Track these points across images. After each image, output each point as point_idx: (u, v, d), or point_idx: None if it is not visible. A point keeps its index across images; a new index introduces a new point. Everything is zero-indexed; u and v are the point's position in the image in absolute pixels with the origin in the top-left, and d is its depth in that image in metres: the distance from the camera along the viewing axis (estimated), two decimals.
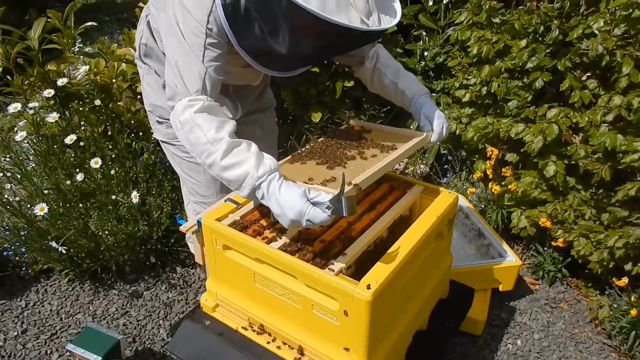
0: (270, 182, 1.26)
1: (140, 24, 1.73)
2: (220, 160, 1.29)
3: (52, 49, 2.50)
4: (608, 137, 1.94)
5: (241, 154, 1.29)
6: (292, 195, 1.23)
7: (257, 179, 1.26)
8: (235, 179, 1.29)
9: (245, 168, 1.27)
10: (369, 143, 1.59)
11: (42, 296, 2.34)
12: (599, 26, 1.99)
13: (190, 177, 1.87)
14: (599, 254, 2.07)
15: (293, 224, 1.23)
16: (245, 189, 1.28)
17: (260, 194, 1.28)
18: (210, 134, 1.29)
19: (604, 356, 2.07)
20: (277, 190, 1.25)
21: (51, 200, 2.27)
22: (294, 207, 1.21)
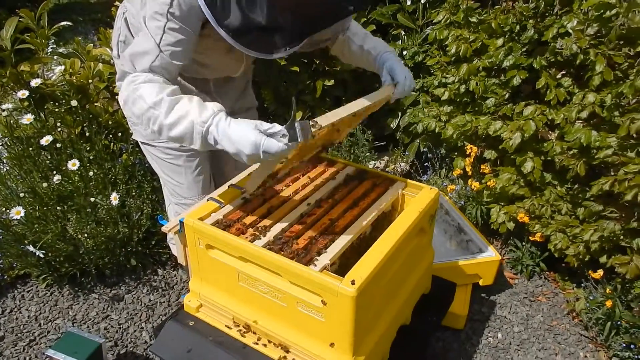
0: (218, 124, 1.26)
1: (117, 22, 1.70)
2: (165, 119, 1.29)
3: (24, 50, 2.44)
4: (583, 133, 1.99)
5: (183, 108, 1.29)
6: (244, 129, 1.22)
7: (203, 124, 1.26)
8: (184, 132, 1.28)
9: (190, 118, 1.27)
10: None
11: (19, 302, 2.28)
12: (573, 26, 2.04)
13: (171, 178, 1.85)
14: (575, 247, 2.13)
15: (251, 158, 1.23)
16: (196, 139, 1.28)
17: (212, 138, 1.27)
18: (150, 99, 1.30)
19: (581, 347, 2.12)
20: (228, 128, 1.24)
21: (27, 203, 2.22)
22: (247, 140, 1.20)
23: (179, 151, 1.77)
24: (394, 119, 3.08)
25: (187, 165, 1.80)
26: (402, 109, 3.04)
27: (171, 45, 1.35)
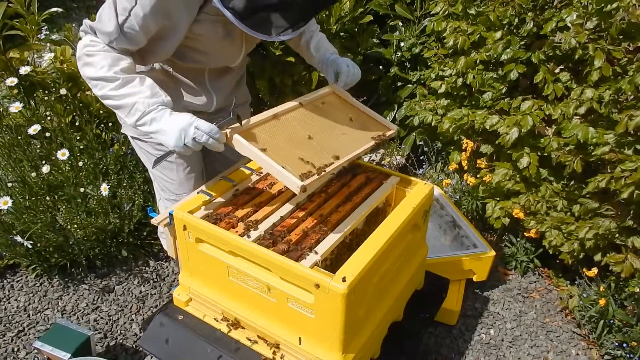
0: (161, 110, 1.35)
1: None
2: (112, 91, 1.35)
3: (15, 36, 2.39)
4: (580, 129, 1.97)
5: (134, 87, 1.36)
6: (182, 114, 1.34)
7: (149, 105, 1.34)
8: (124, 104, 1.36)
9: (137, 97, 1.35)
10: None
11: (8, 292, 2.26)
12: (572, 19, 2.01)
13: (163, 175, 1.80)
14: (569, 244, 2.11)
15: (180, 134, 1.31)
16: (133, 115, 1.35)
17: (149, 118, 1.35)
18: (102, 72, 1.35)
19: (574, 344, 2.12)
20: (168, 113, 1.35)
21: (16, 193, 2.18)
22: (183, 118, 1.33)
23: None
24: (390, 112, 3.04)
25: (179, 162, 1.75)
26: (398, 102, 3.01)
27: (132, 28, 1.35)
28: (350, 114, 1.60)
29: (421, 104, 2.73)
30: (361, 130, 1.56)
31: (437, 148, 2.88)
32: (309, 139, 1.43)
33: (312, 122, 1.49)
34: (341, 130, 1.52)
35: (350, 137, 1.51)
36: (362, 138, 1.53)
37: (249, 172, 1.62)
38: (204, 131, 1.31)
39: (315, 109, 1.54)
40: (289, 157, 1.34)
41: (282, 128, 1.44)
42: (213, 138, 1.32)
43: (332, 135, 1.49)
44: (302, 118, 1.49)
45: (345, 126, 1.54)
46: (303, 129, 1.46)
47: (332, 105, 1.59)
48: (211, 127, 1.32)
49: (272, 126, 1.43)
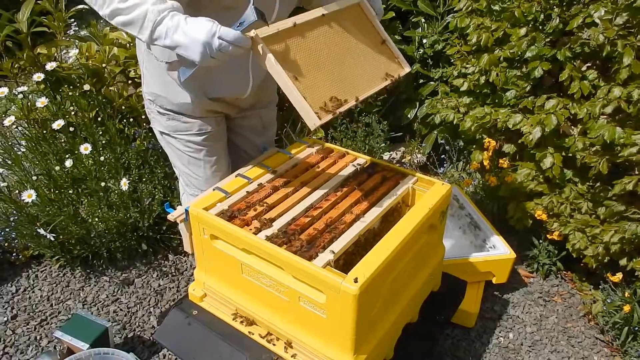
0: (174, 17, 1.23)
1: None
2: (120, 3, 1.24)
3: (45, 33, 2.44)
4: (607, 129, 1.91)
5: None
6: (200, 20, 1.21)
7: (158, 13, 1.22)
8: (136, 17, 1.24)
9: (146, 6, 1.23)
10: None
11: (33, 282, 2.32)
12: (600, 15, 1.94)
13: (190, 171, 1.80)
14: (594, 248, 2.05)
15: (204, 48, 1.20)
16: (146, 27, 1.24)
17: (163, 29, 1.23)
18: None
19: (596, 351, 2.06)
20: (184, 20, 1.22)
21: (42, 185, 2.24)
22: (204, 27, 1.19)
23: (200, 145, 1.72)
24: (411, 110, 3.01)
25: (206, 159, 1.75)
26: (420, 99, 2.97)
27: None
28: (370, 38, 1.49)
29: (443, 102, 2.69)
30: (377, 62, 1.48)
31: (458, 147, 2.84)
32: (329, 65, 1.36)
33: (334, 44, 1.40)
34: (359, 59, 1.44)
35: (367, 69, 1.44)
36: (378, 73, 1.46)
37: (265, 169, 1.62)
38: (229, 41, 1.19)
39: (338, 25, 1.42)
40: (309, 85, 1.28)
41: (306, 46, 1.33)
42: (239, 46, 1.21)
43: (351, 63, 1.41)
44: (325, 36, 1.38)
45: (364, 55, 1.45)
46: (325, 51, 1.37)
47: (354, 23, 1.47)
48: (236, 35, 1.19)
49: (297, 43, 1.32)
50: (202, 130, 1.70)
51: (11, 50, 2.33)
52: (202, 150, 1.74)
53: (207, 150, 1.75)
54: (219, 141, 1.79)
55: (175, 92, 1.62)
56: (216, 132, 1.75)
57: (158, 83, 1.65)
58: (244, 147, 1.92)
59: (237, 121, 1.85)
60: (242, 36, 1.19)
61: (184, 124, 1.68)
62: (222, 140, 1.81)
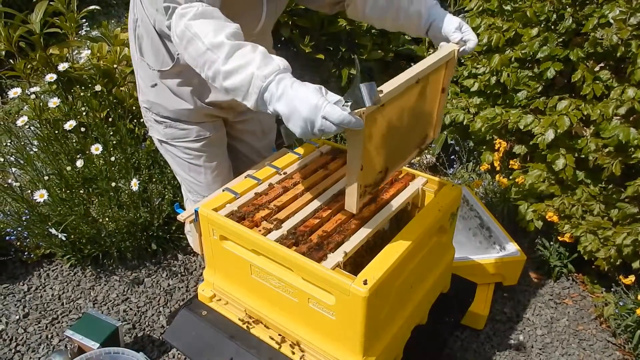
0: (280, 81, 1.08)
1: (132, 8, 1.59)
2: (222, 65, 1.13)
3: (57, 33, 2.46)
4: (620, 130, 1.88)
5: (245, 56, 1.12)
6: (306, 91, 1.05)
7: (264, 78, 1.09)
8: (240, 83, 1.12)
9: (250, 70, 1.10)
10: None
11: (44, 281, 2.34)
12: (615, 15, 1.92)
13: (192, 177, 1.80)
14: (606, 250, 2.03)
15: (306, 124, 1.04)
16: (252, 94, 1.11)
17: (269, 96, 1.09)
18: (207, 39, 1.13)
19: (608, 354, 2.04)
20: (290, 87, 1.07)
21: (54, 185, 2.26)
22: (308, 101, 1.03)
23: (199, 151, 1.72)
24: None
25: (206, 165, 1.75)
26: None
27: None
28: (433, 97, 1.39)
29: (453, 102, 2.67)
30: (423, 125, 1.41)
31: (468, 147, 2.82)
32: (395, 138, 1.27)
33: (410, 110, 1.29)
34: (417, 121, 1.34)
35: (414, 134, 1.38)
36: (417, 139, 1.41)
37: (274, 170, 1.62)
38: (335, 122, 1.02)
39: (422, 85, 1.31)
40: (368, 169, 1.19)
41: (387, 119, 1.22)
42: (345, 128, 1.05)
43: (410, 128, 1.32)
44: (407, 102, 1.27)
45: (420, 115, 1.36)
46: (399, 121, 1.26)
47: (430, 84, 1.35)
48: (342, 117, 1.01)
49: (382, 117, 1.19)
50: (200, 136, 1.69)
51: (24, 50, 2.35)
52: (201, 156, 1.74)
53: (206, 156, 1.74)
54: (218, 146, 1.78)
55: (170, 98, 1.61)
56: (215, 137, 1.74)
57: (152, 91, 1.64)
58: (245, 152, 1.92)
59: (236, 126, 1.84)
60: (350, 118, 1.02)
61: (181, 131, 1.68)
62: (221, 145, 1.81)
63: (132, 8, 1.58)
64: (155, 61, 1.57)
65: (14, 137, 2.28)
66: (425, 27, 1.48)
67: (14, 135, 2.29)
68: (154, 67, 1.57)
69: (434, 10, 1.46)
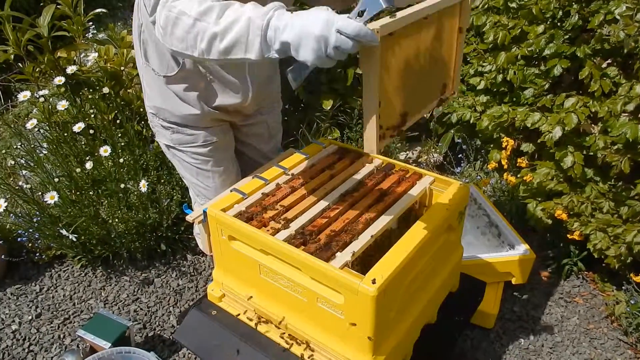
0: (281, 15, 1.02)
1: (136, 13, 1.58)
2: (215, 27, 1.08)
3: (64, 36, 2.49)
4: (629, 127, 1.87)
5: (237, 10, 1.08)
6: (313, 11, 0.99)
7: (263, 16, 1.03)
8: (239, 34, 1.05)
9: (246, 16, 1.05)
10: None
11: (56, 281, 2.37)
12: (621, 11, 1.90)
13: (199, 182, 1.81)
14: (616, 248, 2.01)
15: (319, 44, 0.96)
16: (253, 40, 1.04)
17: (272, 33, 1.02)
18: (193, 10, 1.10)
19: (620, 353, 2.02)
20: (294, 16, 1.01)
21: (64, 187, 2.28)
22: (318, 18, 0.96)
23: (206, 156, 1.73)
24: None
25: (214, 170, 1.76)
26: None
27: None
28: (449, 45, 1.35)
29: (459, 101, 2.67)
30: (441, 73, 1.38)
31: (475, 146, 2.81)
32: (412, 79, 1.23)
33: (426, 51, 1.25)
34: (434, 67, 1.31)
35: (433, 80, 1.35)
36: (436, 88, 1.38)
37: (282, 170, 1.62)
38: (351, 34, 0.94)
39: (437, 24, 1.26)
40: (387, 107, 1.15)
41: (404, 53, 1.16)
42: (362, 42, 0.96)
43: (427, 73, 1.29)
44: (423, 41, 1.22)
45: (438, 61, 1.32)
46: (415, 61, 1.21)
47: (445, 26, 1.31)
48: (359, 28, 0.94)
49: (399, 48, 1.14)
50: (207, 141, 1.70)
51: (32, 54, 2.38)
52: (209, 161, 1.74)
53: (214, 161, 1.75)
54: (225, 151, 1.78)
55: (176, 104, 1.61)
56: (222, 142, 1.74)
57: (159, 96, 1.64)
58: (251, 155, 1.93)
59: (243, 130, 1.85)
60: (367, 30, 0.94)
61: (188, 136, 1.68)
62: (229, 150, 1.81)
63: (136, 13, 1.59)
64: (161, 66, 1.58)
65: (24, 139, 2.30)
66: None
67: (24, 138, 2.31)
68: (159, 73, 1.58)
69: None
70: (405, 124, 1.27)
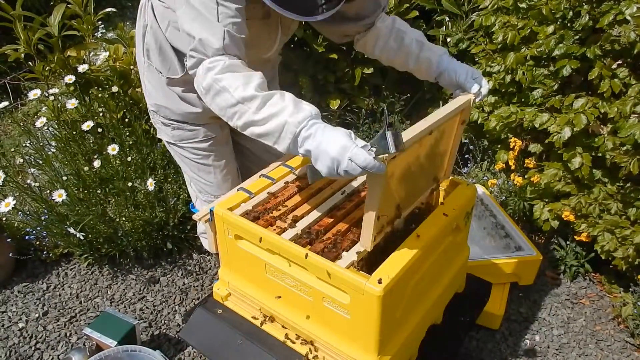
0: (312, 126, 1.15)
1: (142, 12, 1.61)
2: (254, 115, 1.18)
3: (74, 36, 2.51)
4: (638, 129, 1.85)
5: (276, 105, 1.18)
6: (337, 133, 1.11)
7: (298, 124, 1.15)
8: (274, 129, 1.17)
9: (284, 117, 1.16)
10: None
11: (63, 279, 2.38)
12: (632, 12, 1.89)
13: (201, 177, 1.83)
14: (624, 250, 2.00)
15: (333, 164, 1.10)
16: (285, 139, 1.17)
17: (301, 140, 1.15)
18: (237, 93, 1.19)
19: (626, 355, 2.01)
20: (321, 130, 1.13)
21: (71, 185, 2.30)
22: (337, 142, 1.09)
23: (207, 151, 1.75)
24: (434, 109, 2.98)
25: (215, 164, 1.77)
26: (443, 98, 2.94)
27: (229, 17, 1.23)
28: (447, 142, 1.43)
29: None
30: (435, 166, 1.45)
31: (483, 146, 2.80)
32: (411, 179, 1.33)
33: (426, 155, 1.34)
34: (430, 165, 1.39)
35: (427, 175, 1.43)
36: (430, 180, 1.45)
37: (288, 169, 1.63)
38: (360, 165, 1.07)
39: (437, 132, 1.34)
40: (386, 207, 1.25)
41: (406, 162, 1.27)
42: (367, 171, 1.09)
43: (424, 171, 1.38)
44: (424, 147, 1.32)
45: (434, 159, 1.41)
46: (415, 164, 1.31)
47: (445, 129, 1.40)
48: (367, 161, 1.06)
49: (401, 161, 1.24)
50: (207, 136, 1.72)
51: (42, 52, 2.39)
52: (210, 155, 1.77)
53: (215, 156, 1.77)
54: (225, 145, 1.81)
55: (176, 102, 1.64)
56: (221, 136, 1.77)
57: (160, 94, 1.66)
58: (252, 149, 1.94)
59: None
60: (375, 163, 1.06)
61: (189, 132, 1.70)
62: (228, 144, 1.83)
63: (141, 13, 1.60)
64: (162, 67, 1.59)
65: (33, 138, 2.32)
66: (434, 75, 1.55)
67: (33, 136, 2.33)
68: (162, 73, 1.60)
69: (444, 59, 1.52)
70: (401, 215, 1.35)
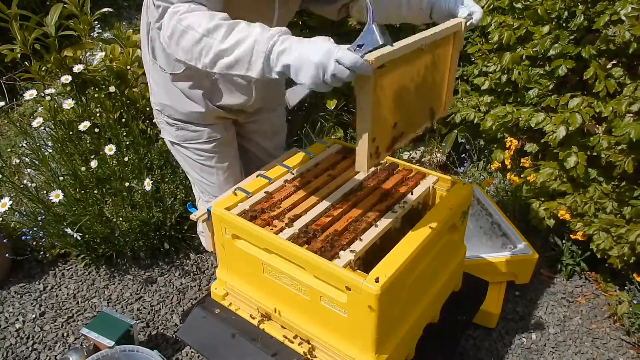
0: (284, 41, 1.08)
1: (144, 10, 1.58)
2: (221, 44, 1.12)
3: (70, 35, 2.50)
4: (633, 128, 1.87)
5: (243, 31, 1.12)
6: (315, 40, 1.05)
7: (267, 40, 1.08)
8: (243, 54, 1.11)
9: (252, 38, 1.10)
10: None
11: (60, 280, 2.38)
12: (627, 12, 1.90)
13: (203, 179, 1.82)
14: (619, 248, 2.01)
15: (317, 71, 1.03)
16: (256, 60, 1.10)
17: (274, 57, 1.08)
18: (202, 27, 1.14)
19: (622, 353, 2.02)
20: (297, 42, 1.06)
21: (68, 185, 2.30)
22: (319, 47, 1.02)
23: (210, 152, 1.74)
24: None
25: (218, 166, 1.77)
26: None
27: None
28: (442, 71, 1.40)
29: (463, 101, 2.67)
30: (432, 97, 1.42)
31: (479, 146, 2.81)
32: (406, 104, 1.28)
33: (421, 78, 1.30)
34: (427, 93, 1.37)
35: (424, 105, 1.39)
36: (427, 111, 1.42)
37: (285, 169, 1.63)
38: (348, 65, 1.01)
39: (431, 55, 1.31)
40: (380, 128, 1.20)
41: (399, 80, 1.22)
42: (357, 73, 1.03)
43: (420, 98, 1.33)
44: (417, 69, 1.29)
45: (430, 88, 1.37)
46: (410, 87, 1.27)
47: (438, 56, 1.36)
48: (355, 60, 1.00)
49: (394, 76, 1.19)
50: (211, 138, 1.71)
51: (38, 52, 2.39)
52: (213, 157, 1.76)
53: (218, 157, 1.77)
54: (229, 147, 1.80)
55: (181, 101, 1.63)
56: (226, 138, 1.76)
57: (165, 93, 1.66)
58: (255, 152, 1.94)
59: (247, 126, 1.86)
60: (361, 60, 1.01)
61: (193, 133, 1.70)
62: (232, 146, 1.83)
63: (144, 11, 1.60)
64: (167, 64, 1.59)
65: (29, 138, 2.32)
66: (427, 12, 1.50)
67: (29, 136, 2.32)
68: (165, 70, 1.59)
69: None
70: (397, 143, 1.31)
